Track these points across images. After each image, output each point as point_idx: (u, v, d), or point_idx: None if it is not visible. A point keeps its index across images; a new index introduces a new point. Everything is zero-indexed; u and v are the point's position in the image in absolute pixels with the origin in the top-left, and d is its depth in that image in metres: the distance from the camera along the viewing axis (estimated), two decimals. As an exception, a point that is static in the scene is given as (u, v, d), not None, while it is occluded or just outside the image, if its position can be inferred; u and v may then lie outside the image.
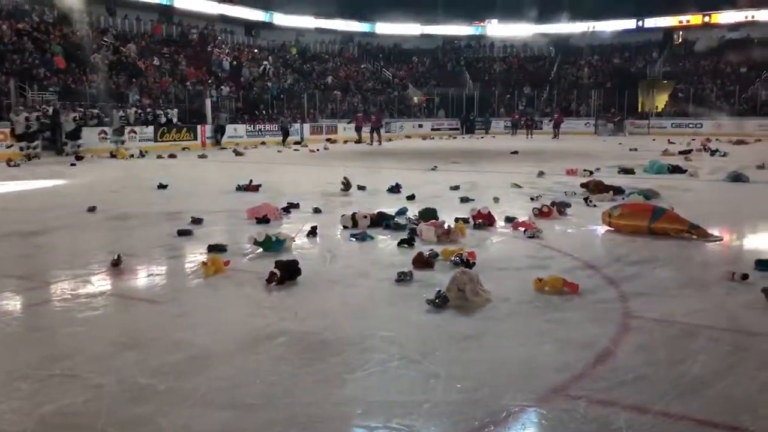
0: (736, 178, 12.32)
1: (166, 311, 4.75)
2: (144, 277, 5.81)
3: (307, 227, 7.56)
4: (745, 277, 5.25)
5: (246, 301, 4.95)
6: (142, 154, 22.00)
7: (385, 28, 51.16)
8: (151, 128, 25.97)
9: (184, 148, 25.13)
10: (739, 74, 40.92)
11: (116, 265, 5.86)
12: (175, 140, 26.19)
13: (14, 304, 5.04)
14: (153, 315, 4.69)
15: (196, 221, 8.13)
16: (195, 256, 6.38)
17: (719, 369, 3.57)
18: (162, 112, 26.97)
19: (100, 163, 19.23)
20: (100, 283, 5.49)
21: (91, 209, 9.31)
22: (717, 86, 39.72)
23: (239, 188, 11.64)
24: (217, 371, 3.57)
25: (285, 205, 9.22)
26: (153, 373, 3.53)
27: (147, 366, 3.64)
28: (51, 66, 27.35)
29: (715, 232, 7.18)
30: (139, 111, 26.35)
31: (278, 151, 24.59)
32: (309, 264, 5.73)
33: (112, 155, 21.62)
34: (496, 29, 52.83)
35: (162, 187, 12.01)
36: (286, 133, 29.77)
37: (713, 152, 20.14)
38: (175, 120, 27.26)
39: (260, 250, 6.48)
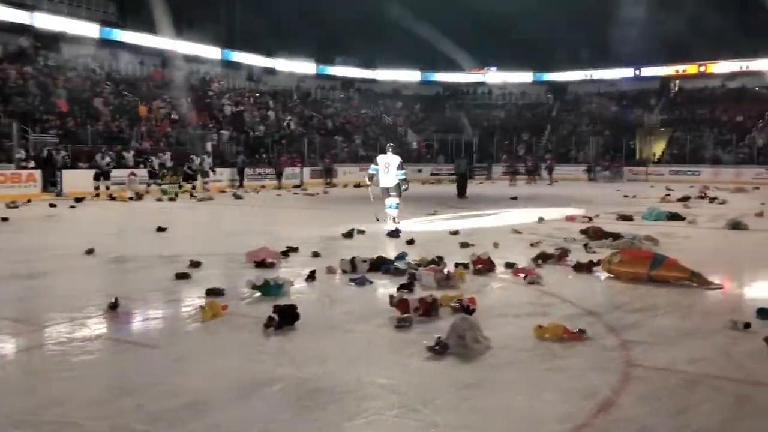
0: (736, 225, 12.33)
1: (163, 356, 4.69)
2: (141, 320, 5.77)
3: (306, 271, 7.54)
4: (747, 325, 5.21)
5: (243, 346, 4.90)
6: (139, 196, 22.07)
7: (385, 74, 51.94)
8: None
9: (185, 191, 25.25)
10: (735, 123, 41.39)
11: (113, 309, 5.81)
12: (174, 183, 26.23)
13: (8, 347, 4.98)
14: (149, 360, 4.64)
15: (195, 264, 8.10)
16: (193, 299, 6.34)
17: (723, 419, 3.52)
18: (155, 158, 26.79)
19: (99, 206, 19.25)
20: (97, 326, 5.44)
21: (89, 252, 9.29)
22: (714, 134, 40.15)
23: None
24: (213, 418, 3.52)
25: (284, 248, 9.20)
26: (149, 420, 3.47)
27: (143, 412, 3.58)
28: (53, 109, 27.68)
29: (716, 280, 7.15)
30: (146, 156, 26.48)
31: (277, 195, 24.70)
32: (307, 309, 5.68)
33: (112, 198, 21.67)
34: (495, 77, 53.63)
35: (161, 230, 12.01)
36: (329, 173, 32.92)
37: (712, 200, 20.21)
38: (168, 164, 27.10)
39: (258, 294, 6.44)
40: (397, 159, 13.12)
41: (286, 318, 5.29)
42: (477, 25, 46.54)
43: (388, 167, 12.97)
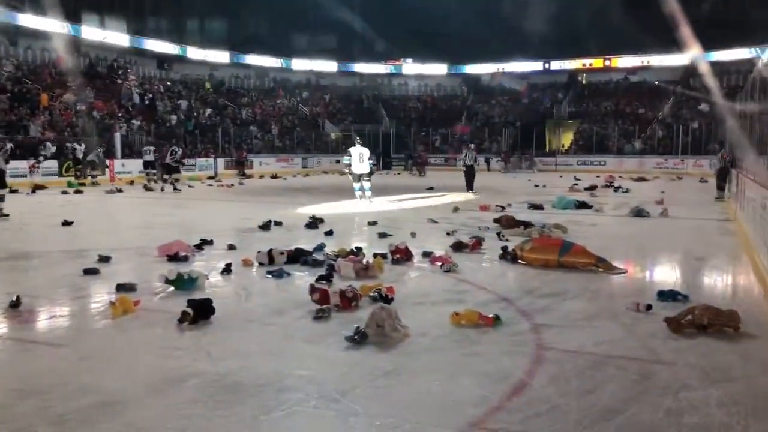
0: (638, 213, 12.99)
1: (71, 355, 4.50)
2: (46, 319, 5.50)
3: (222, 264, 7.40)
4: (648, 307, 5.51)
5: (157, 342, 4.76)
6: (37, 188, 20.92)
7: (302, 64, 51.40)
8: (54, 162, 24.77)
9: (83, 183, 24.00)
10: (638, 115, 43.46)
11: (15, 307, 5.52)
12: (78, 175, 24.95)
13: None
14: (56, 359, 4.43)
15: (104, 259, 7.80)
16: (102, 296, 6.12)
17: (627, 397, 3.71)
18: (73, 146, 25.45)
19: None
20: (-3, 326, 5.15)
21: (-12, 248, 8.79)
22: (618, 126, 42.00)
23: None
24: (126, 417, 3.40)
25: (198, 241, 8.99)
26: (55, 421, 3.33)
27: (49, 414, 3.43)
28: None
29: (620, 265, 7.51)
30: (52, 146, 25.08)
31: (190, 186, 24.07)
32: (223, 302, 5.59)
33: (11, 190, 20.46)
34: (411, 68, 54.07)
35: (67, 224, 11.48)
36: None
37: (616, 188, 21.16)
38: (81, 155, 25.73)
39: (172, 288, 6.28)
40: (367, 150, 15.71)
41: (201, 312, 5.18)
42: (393, 17, 46.82)
43: (362, 157, 15.49)
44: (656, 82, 45.25)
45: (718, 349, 4.59)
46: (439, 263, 7.56)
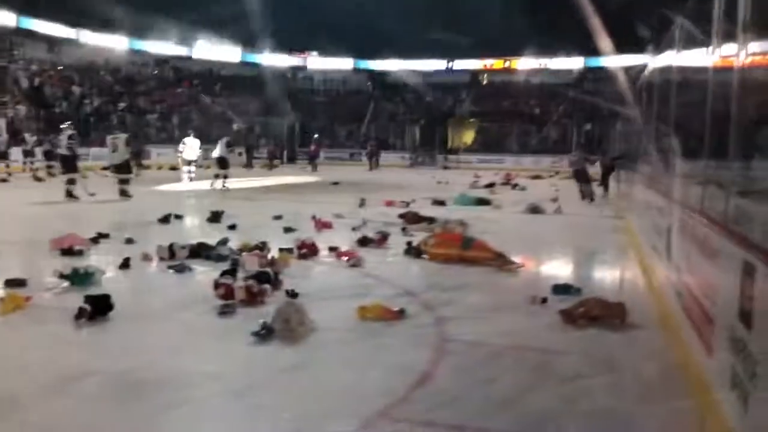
0: (534, 209, 13.55)
1: (-45, 355, 4.23)
2: (-75, 316, 5.13)
3: (120, 259, 7.13)
4: (544, 300, 5.78)
5: (52, 340, 4.54)
6: None
7: (203, 53, 49.98)
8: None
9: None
10: (535, 115, 45.21)
11: None
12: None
13: None
14: (-63, 359, 4.16)
15: (-10, 253, 7.35)
16: (-11, 291, 5.75)
17: (526, 385, 3.89)
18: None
19: None
20: None
21: None
22: (517, 125, 43.48)
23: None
24: (21, 416, 3.25)
25: (93, 234, 8.61)
26: (-60, 425, 3.13)
27: (-68, 417, 3.22)
28: None
29: (518, 260, 7.81)
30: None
31: (84, 177, 22.90)
32: (122, 298, 5.39)
33: None
34: (317, 62, 53.78)
35: (-54, 214, 10.71)
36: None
37: (514, 186, 21.95)
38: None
39: (67, 284, 5.99)
40: (198, 141, 21.23)
41: (98, 308, 4.98)
42: (297, 8, 46.37)
43: (193, 147, 20.98)
44: (553, 84, 47.19)
45: (607, 338, 4.88)
46: (346, 257, 7.61)
